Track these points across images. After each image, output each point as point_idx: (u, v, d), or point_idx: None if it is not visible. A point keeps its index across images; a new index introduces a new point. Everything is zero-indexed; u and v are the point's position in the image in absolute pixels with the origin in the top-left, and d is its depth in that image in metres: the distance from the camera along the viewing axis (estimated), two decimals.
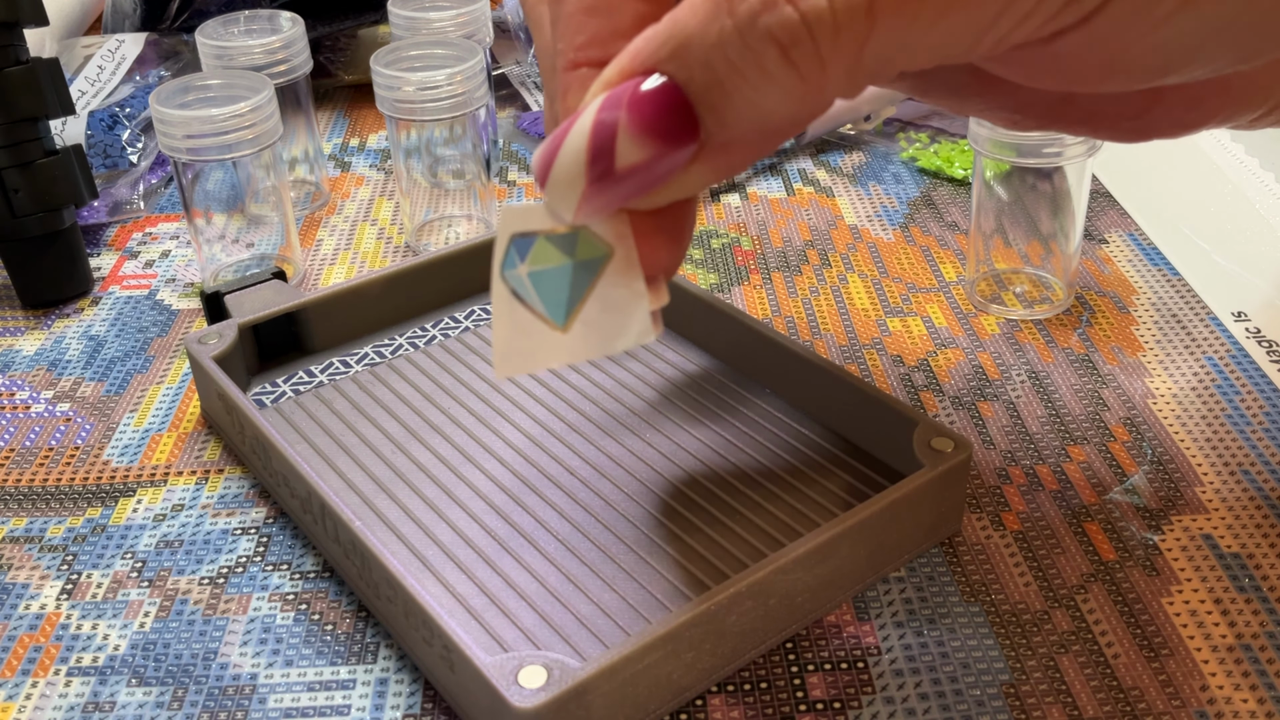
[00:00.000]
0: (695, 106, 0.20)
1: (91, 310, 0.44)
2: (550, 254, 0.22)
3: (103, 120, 0.52)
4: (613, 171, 0.20)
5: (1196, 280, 0.43)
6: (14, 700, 0.28)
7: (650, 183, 0.21)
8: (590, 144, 0.20)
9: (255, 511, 0.34)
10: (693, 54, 0.19)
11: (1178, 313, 0.41)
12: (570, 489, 0.33)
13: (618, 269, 0.22)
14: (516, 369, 0.24)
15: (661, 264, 0.23)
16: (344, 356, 0.39)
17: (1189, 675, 0.28)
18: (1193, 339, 0.39)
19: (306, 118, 0.50)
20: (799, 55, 0.19)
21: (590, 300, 0.23)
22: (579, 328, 0.23)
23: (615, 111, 0.20)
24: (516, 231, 0.23)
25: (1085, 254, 0.45)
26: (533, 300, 0.23)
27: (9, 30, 0.41)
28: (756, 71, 0.19)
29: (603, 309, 0.23)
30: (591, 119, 0.20)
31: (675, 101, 0.20)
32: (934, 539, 0.31)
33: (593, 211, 0.21)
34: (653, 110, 0.20)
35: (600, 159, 0.20)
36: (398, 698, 0.28)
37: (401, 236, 0.48)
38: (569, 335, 0.23)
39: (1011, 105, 0.26)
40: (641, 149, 0.20)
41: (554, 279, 0.23)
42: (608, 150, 0.20)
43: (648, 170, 0.20)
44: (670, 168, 0.20)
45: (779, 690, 0.28)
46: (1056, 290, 0.42)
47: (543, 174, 0.21)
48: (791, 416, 0.35)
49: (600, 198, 0.21)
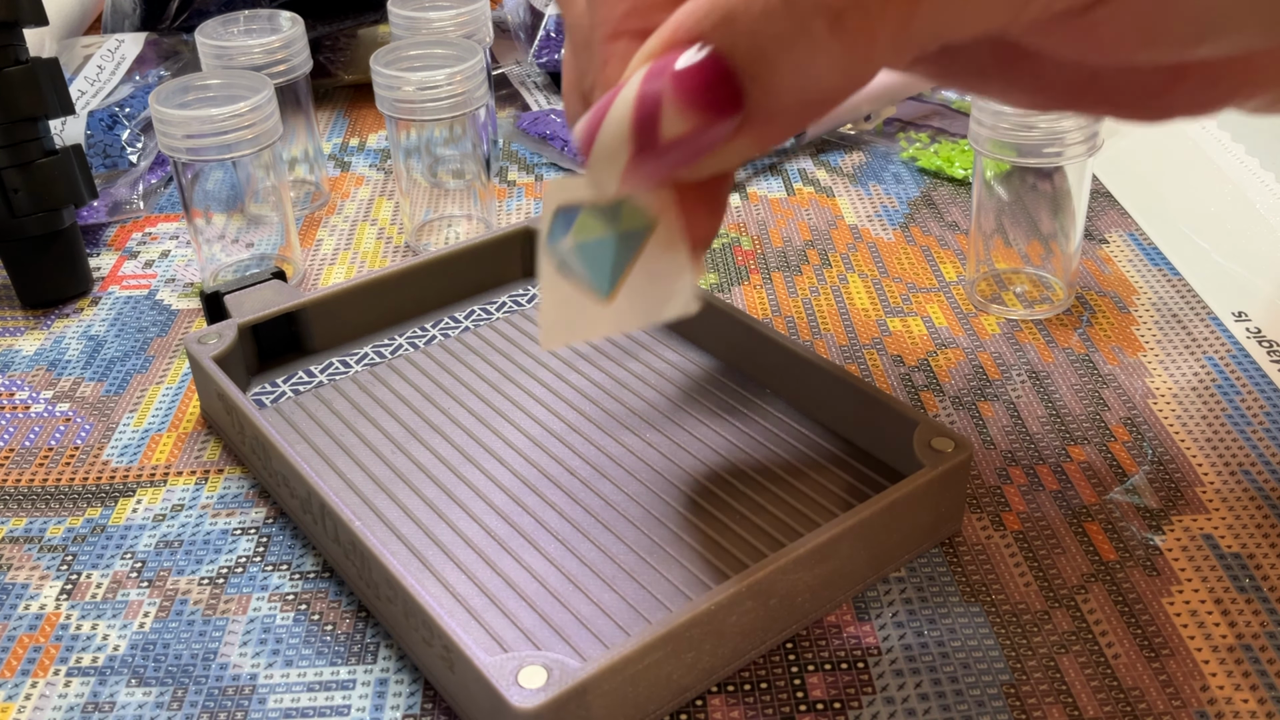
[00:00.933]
0: (740, 77, 0.19)
1: (91, 310, 0.44)
2: (595, 226, 0.23)
3: (102, 120, 0.52)
4: (657, 143, 0.20)
5: (1197, 280, 0.43)
6: (14, 700, 0.28)
7: (694, 154, 0.20)
8: (635, 115, 0.20)
9: (255, 511, 0.34)
10: (738, 24, 0.19)
11: (1178, 313, 0.41)
12: (570, 489, 0.33)
13: (661, 240, 0.23)
14: (561, 341, 0.24)
15: (700, 235, 0.23)
16: (344, 356, 0.39)
17: (1189, 675, 0.28)
18: (1193, 339, 0.39)
19: (306, 118, 0.50)
20: (848, 25, 0.19)
21: (635, 271, 0.23)
22: (624, 299, 0.23)
23: (659, 82, 0.20)
24: (561, 203, 0.23)
25: (1085, 254, 0.45)
26: (579, 272, 0.23)
27: (9, 30, 0.41)
28: (804, 42, 0.19)
29: (648, 280, 0.23)
30: (635, 90, 0.20)
31: (720, 72, 0.19)
32: (934, 539, 0.31)
33: (637, 183, 0.21)
34: (697, 81, 0.19)
35: (645, 130, 0.20)
36: (398, 698, 0.28)
37: (401, 236, 0.48)
38: (614, 306, 0.23)
39: (1035, 86, 0.26)
40: (686, 120, 0.20)
41: (599, 250, 0.23)
42: (652, 122, 0.20)
43: (692, 142, 0.20)
44: (714, 139, 0.20)
45: (779, 690, 0.28)
46: (1057, 290, 0.42)
47: (586, 145, 0.21)
48: (791, 416, 0.35)
49: (644, 169, 0.21)
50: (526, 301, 0.42)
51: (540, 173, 0.53)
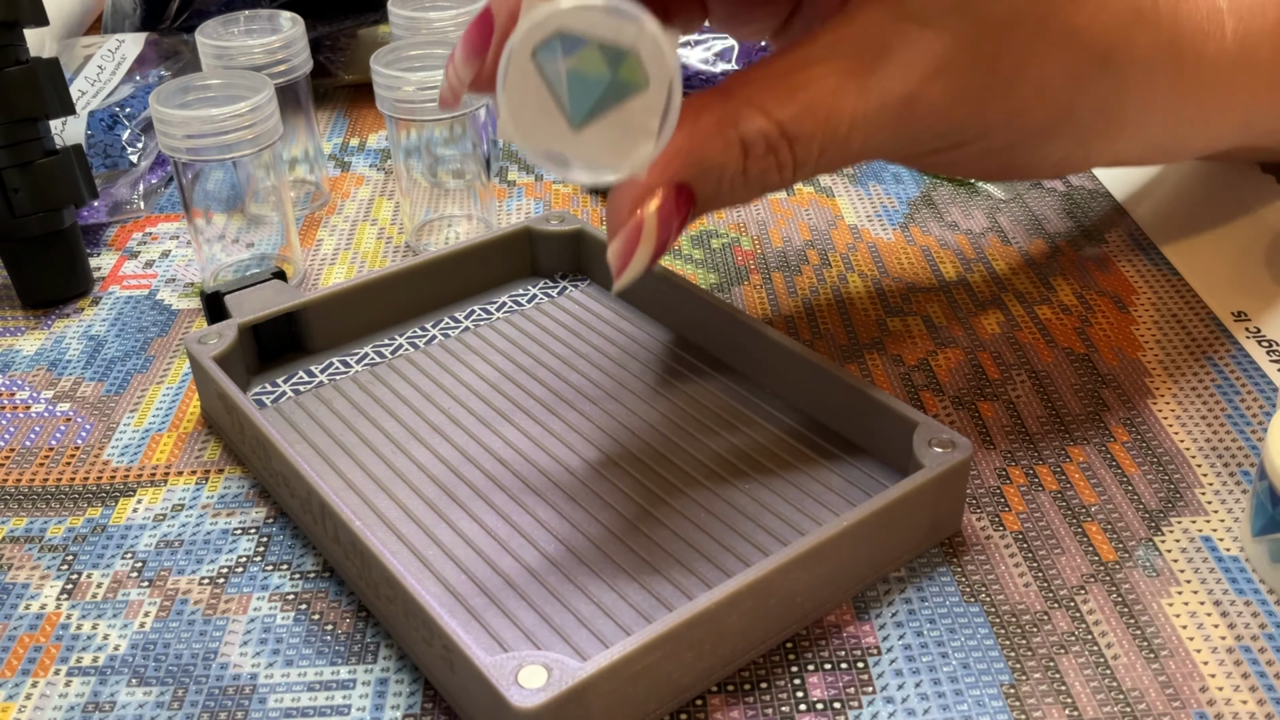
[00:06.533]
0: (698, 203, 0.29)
1: (91, 310, 0.44)
2: (597, 62, 0.25)
3: (103, 120, 0.52)
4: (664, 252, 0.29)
5: (1196, 280, 0.43)
6: (14, 700, 0.28)
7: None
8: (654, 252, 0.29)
9: (255, 511, 0.34)
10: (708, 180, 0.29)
11: (1178, 313, 0.41)
12: (570, 489, 0.33)
13: (645, 103, 0.25)
14: (518, 139, 0.25)
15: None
16: (344, 356, 0.39)
17: (1189, 676, 0.28)
18: (1193, 339, 0.39)
19: (306, 118, 0.50)
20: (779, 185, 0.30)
21: (610, 116, 0.25)
22: (589, 134, 0.25)
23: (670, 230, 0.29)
24: (566, 28, 0.24)
25: (1086, 254, 0.45)
26: (560, 93, 0.25)
27: (9, 30, 0.41)
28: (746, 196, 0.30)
29: (618, 131, 0.25)
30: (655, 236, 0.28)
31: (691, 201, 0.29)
32: (934, 539, 0.31)
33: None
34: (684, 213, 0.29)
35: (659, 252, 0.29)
36: (398, 698, 0.28)
37: (401, 236, 0.48)
38: (577, 135, 0.25)
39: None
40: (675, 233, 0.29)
41: (589, 84, 0.25)
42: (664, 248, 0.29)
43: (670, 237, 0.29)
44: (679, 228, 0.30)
45: (779, 690, 0.28)
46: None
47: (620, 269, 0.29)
48: (791, 416, 0.35)
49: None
50: (526, 301, 0.42)
51: (540, 173, 0.53)
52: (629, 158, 0.26)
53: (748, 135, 0.29)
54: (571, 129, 0.25)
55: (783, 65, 0.29)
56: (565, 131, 0.25)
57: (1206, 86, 0.36)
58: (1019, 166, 0.35)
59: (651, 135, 0.25)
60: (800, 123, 0.29)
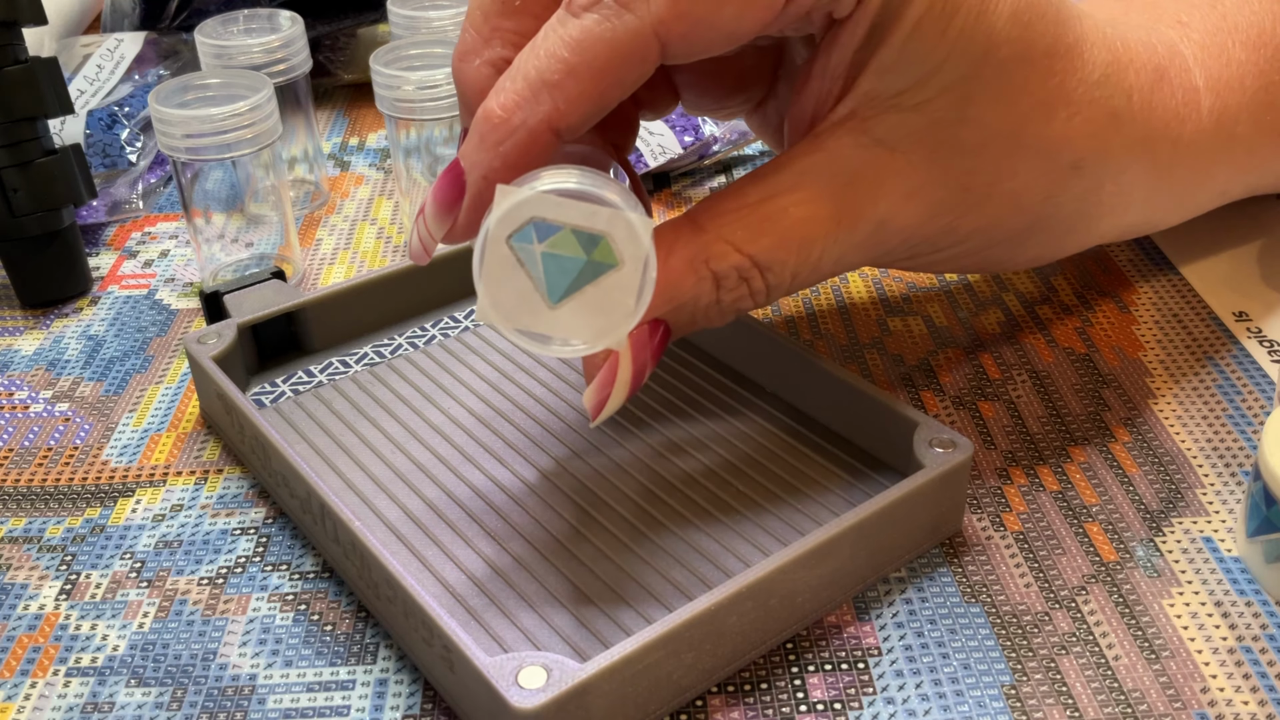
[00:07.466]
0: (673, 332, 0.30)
1: (90, 310, 0.44)
2: (571, 245, 0.25)
3: (102, 119, 0.52)
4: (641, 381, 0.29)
5: (1197, 280, 0.43)
6: (13, 700, 0.28)
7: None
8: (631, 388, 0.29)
9: (255, 511, 0.34)
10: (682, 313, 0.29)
11: (1178, 313, 0.41)
12: (570, 489, 0.33)
13: (621, 280, 0.25)
14: (498, 320, 0.26)
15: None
16: (343, 356, 0.39)
17: (1190, 677, 0.28)
18: (1193, 339, 0.39)
19: (306, 117, 0.50)
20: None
21: (586, 293, 0.26)
22: (566, 311, 0.26)
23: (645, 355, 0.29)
24: (540, 216, 0.25)
25: (1085, 254, 0.45)
26: (536, 272, 0.26)
27: (8, 29, 0.41)
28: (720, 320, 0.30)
29: (594, 308, 0.26)
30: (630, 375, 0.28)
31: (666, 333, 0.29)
32: (934, 539, 0.31)
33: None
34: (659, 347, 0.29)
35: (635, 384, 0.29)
36: (397, 698, 0.28)
37: (401, 236, 0.48)
38: (554, 313, 0.26)
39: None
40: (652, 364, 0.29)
41: (565, 266, 0.25)
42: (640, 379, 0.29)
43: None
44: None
45: (779, 691, 0.28)
46: None
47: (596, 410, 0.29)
48: (791, 416, 0.35)
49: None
50: None
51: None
52: (607, 333, 0.26)
53: (720, 271, 0.29)
54: (549, 307, 0.26)
55: (754, 195, 0.29)
56: (543, 310, 0.26)
57: (1184, 167, 0.36)
58: (993, 264, 0.35)
59: (629, 312, 0.26)
60: (773, 253, 0.29)
